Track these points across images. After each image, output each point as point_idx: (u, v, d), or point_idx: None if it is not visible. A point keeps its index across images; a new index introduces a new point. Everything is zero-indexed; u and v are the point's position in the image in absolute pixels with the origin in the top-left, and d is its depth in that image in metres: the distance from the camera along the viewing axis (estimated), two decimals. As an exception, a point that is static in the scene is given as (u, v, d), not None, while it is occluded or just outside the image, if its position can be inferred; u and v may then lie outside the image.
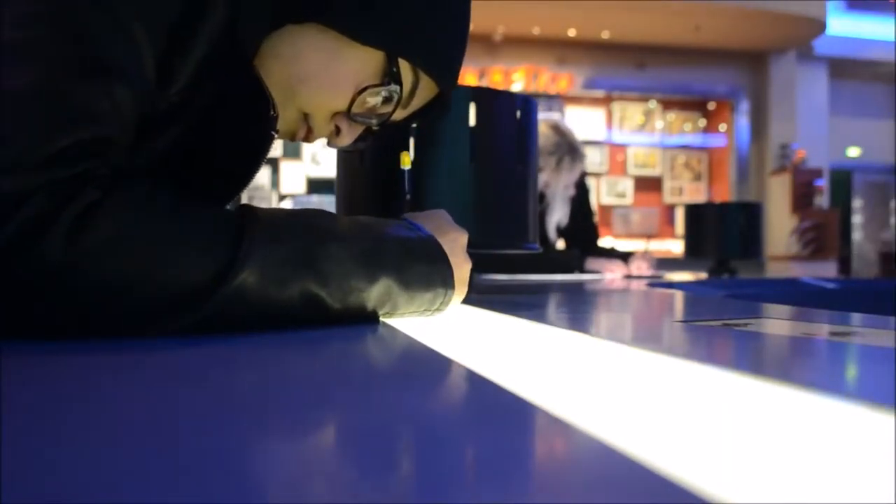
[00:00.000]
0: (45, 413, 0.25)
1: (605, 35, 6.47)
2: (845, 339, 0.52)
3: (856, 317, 0.73)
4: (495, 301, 0.88)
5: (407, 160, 0.65)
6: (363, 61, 0.62)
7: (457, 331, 0.54)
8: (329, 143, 0.69)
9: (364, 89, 0.63)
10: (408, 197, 0.67)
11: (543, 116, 4.54)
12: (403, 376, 0.38)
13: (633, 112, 7.43)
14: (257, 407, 0.27)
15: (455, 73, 0.70)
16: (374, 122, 0.67)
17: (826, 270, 5.98)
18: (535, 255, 1.40)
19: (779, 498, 0.17)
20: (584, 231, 2.54)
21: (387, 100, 0.65)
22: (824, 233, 6.56)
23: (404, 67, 0.64)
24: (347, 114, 0.65)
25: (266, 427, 0.24)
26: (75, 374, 0.35)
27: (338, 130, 0.66)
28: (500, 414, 0.27)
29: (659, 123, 7.48)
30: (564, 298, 1.10)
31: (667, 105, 7.48)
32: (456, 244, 0.64)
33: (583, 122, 6.91)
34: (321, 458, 0.21)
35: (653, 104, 7.43)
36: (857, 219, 7.96)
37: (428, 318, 0.62)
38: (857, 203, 7.95)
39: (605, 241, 2.81)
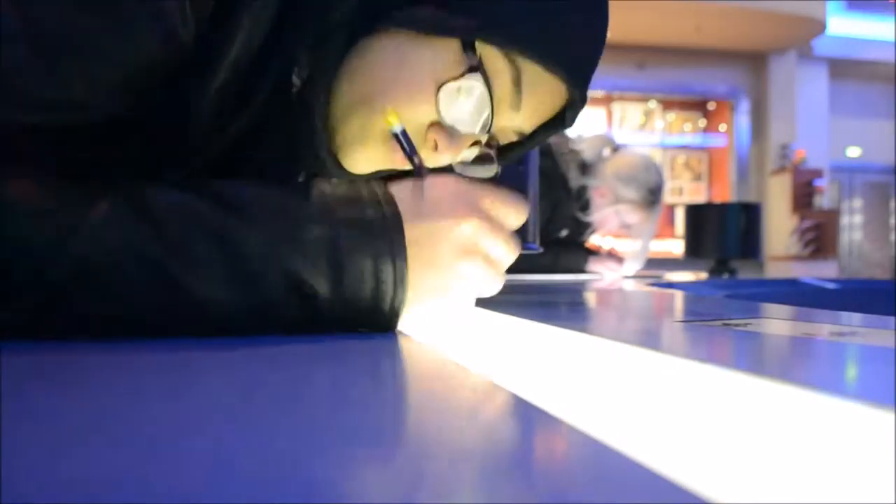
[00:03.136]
0: (45, 412, 0.25)
1: (605, 35, 6.46)
2: (845, 339, 0.52)
3: (856, 317, 0.72)
4: (494, 301, 0.88)
5: (394, 117, 0.53)
6: (437, 53, 0.54)
7: (455, 330, 0.54)
8: (435, 167, 0.57)
9: (442, 86, 0.55)
10: (416, 159, 0.53)
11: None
12: (401, 375, 0.38)
13: (633, 112, 7.43)
14: (250, 410, 0.27)
15: (573, 52, 0.57)
16: (476, 129, 0.57)
17: (826, 270, 5.98)
18: (536, 255, 1.40)
19: (779, 498, 0.17)
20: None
21: (479, 97, 0.55)
22: (824, 233, 6.57)
23: (491, 54, 0.55)
24: (441, 125, 0.56)
25: (262, 428, 0.24)
26: (75, 372, 0.35)
27: (435, 146, 0.56)
28: (499, 413, 0.27)
29: (659, 123, 7.48)
30: (564, 298, 1.10)
31: (667, 105, 7.48)
32: (450, 237, 0.48)
33: (583, 122, 6.92)
34: (320, 457, 0.21)
35: (653, 104, 7.43)
36: (857, 219, 7.96)
37: (426, 319, 0.57)
38: (857, 203, 7.95)
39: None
